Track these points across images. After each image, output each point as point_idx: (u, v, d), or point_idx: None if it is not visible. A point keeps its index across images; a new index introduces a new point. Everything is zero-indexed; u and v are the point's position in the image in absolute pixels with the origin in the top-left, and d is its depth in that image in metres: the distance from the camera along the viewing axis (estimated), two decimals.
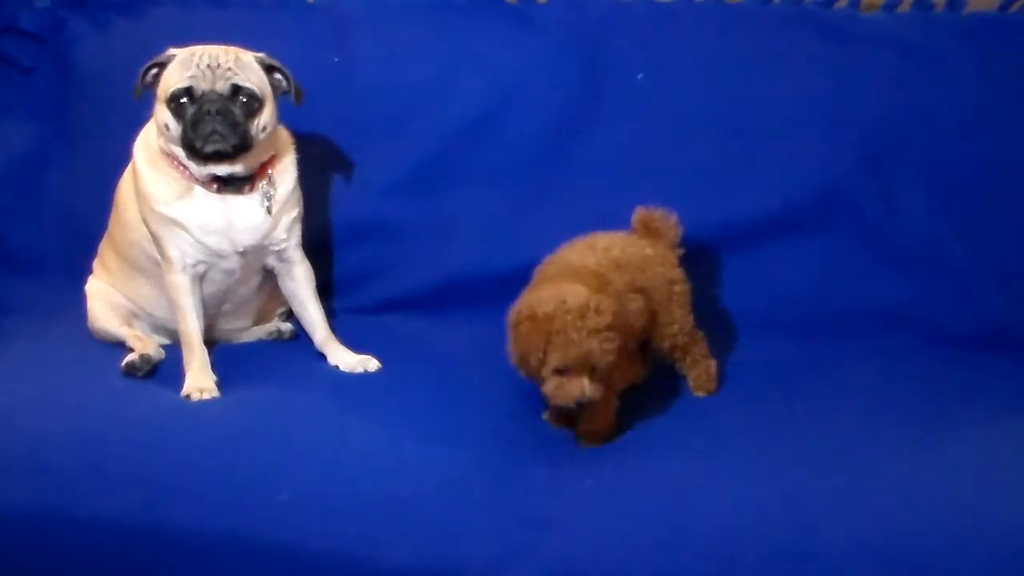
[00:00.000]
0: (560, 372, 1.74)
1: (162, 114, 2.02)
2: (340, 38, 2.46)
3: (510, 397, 1.98)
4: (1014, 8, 2.28)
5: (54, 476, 1.76)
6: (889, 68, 2.26)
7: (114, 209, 2.22)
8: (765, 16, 2.35)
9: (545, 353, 1.72)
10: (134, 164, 2.11)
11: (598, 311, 1.72)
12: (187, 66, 2.00)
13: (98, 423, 1.85)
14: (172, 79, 2.01)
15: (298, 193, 2.16)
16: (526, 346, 1.75)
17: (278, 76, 2.09)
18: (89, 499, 1.73)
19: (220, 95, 1.99)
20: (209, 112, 1.97)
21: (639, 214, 2.06)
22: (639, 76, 2.35)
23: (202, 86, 1.99)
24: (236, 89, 2.00)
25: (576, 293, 1.75)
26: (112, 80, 2.49)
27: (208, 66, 2.00)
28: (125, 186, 2.18)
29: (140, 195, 2.09)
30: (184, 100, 1.99)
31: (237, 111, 2.00)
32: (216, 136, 1.98)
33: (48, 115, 2.61)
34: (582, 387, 1.73)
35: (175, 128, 2.00)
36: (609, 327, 1.72)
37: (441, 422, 1.87)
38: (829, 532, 1.56)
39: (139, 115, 2.14)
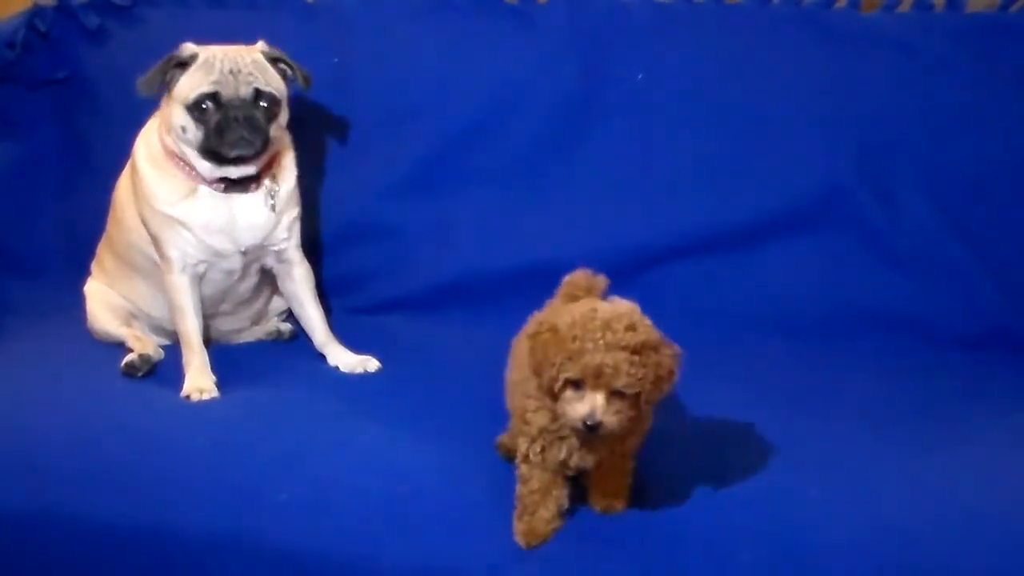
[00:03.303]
0: (575, 386, 1.50)
1: (179, 117, 2.01)
2: (340, 38, 2.46)
3: None
4: (1014, 9, 2.28)
5: (54, 476, 1.76)
6: (889, 68, 2.26)
7: (112, 210, 2.22)
8: (765, 16, 2.35)
9: (559, 367, 1.49)
10: (135, 165, 2.11)
11: (631, 327, 1.48)
12: (209, 70, 2.00)
13: (98, 423, 1.85)
14: (194, 83, 2.00)
15: (297, 192, 2.16)
16: (541, 359, 1.51)
17: (282, 66, 2.10)
18: (89, 499, 1.73)
19: (244, 101, 2.00)
20: (236, 119, 1.99)
21: (583, 279, 1.71)
22: (639, 76, 2.35)
23: (227, 92, 1.99)
24: (258, 94, 2.02)
25: (614, 307, 1.52)
26: (111, 82, 2.50)
27: (231, 71, 2.00)
28: (123, 187, 2.18)
29: (141, 196, 2.09)
30: (207, 105, 1.99)
31: (260, 116, 2.01)
32: (242, 142, 2.00)
33: (47, 116, 2.61)
34: (593, 404, 1.48)
35: (194, 132, 2.00)
36: (637, 349, 1.47)
37: (441, 422, 1.87)
38: (828, 532, 1.56)
39: (138, 118, 2.14)
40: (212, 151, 2.00)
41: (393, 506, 1.67)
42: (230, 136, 1.99)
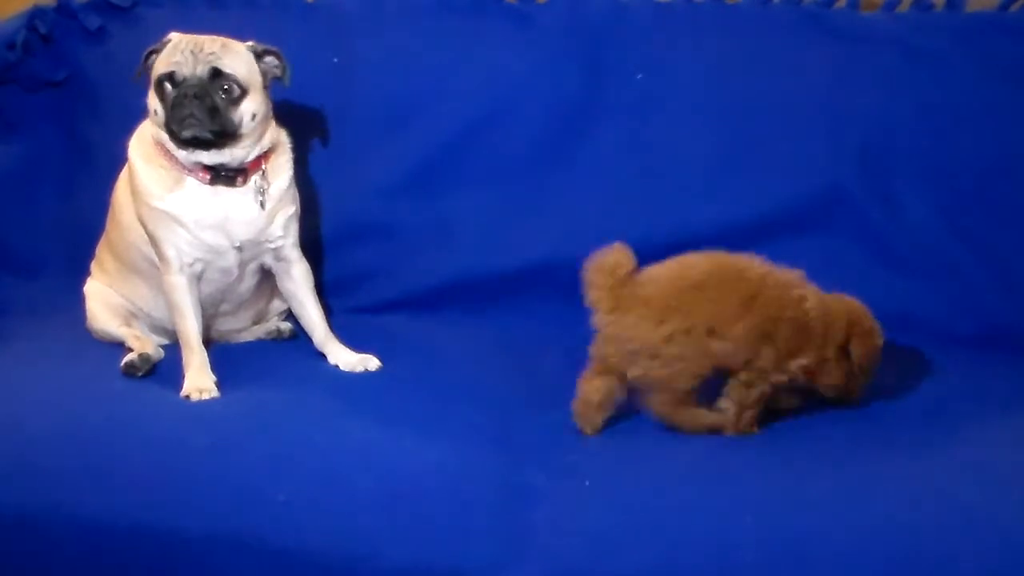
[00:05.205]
0: None
1: (151, 100, 2.04)
2: (340, 38, 2.46)
3: (510, 397, 1.98)
4: (1014, 8, 2.28)
5: (53, 476, 1.76)
6: (889, 68, 2.26)
7: (110, 211, 2.22)
8: (765, 16, 2.35)
9: None
10: (129, 162, 2.12)
11: None
12: (173, 52, 2.02)
13: (97, 423, 1.85)
14: (160, 64, 2.03)
15: (294, 191, 2.16)
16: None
17: (270, 59, 2.09)
18: (88, 499, 1.73)
19: (199, 79, 2.00)
20: (187, 95, 1.98)
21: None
22: (639, 76, 2.36)
23: (183, 71, 2.00)
24: (216, 73, 2.01)
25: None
26: (111, 82, 2.50)
27: (191, 51, 2.01)
28: (121, 188, 2.18)
29: (135, 193, 2.09)
30: (167, 84, 2.01)
31: (217, 96, 2.00)
32: (193, 120, 1.98)
33: (47, 117, 2.61)
34: None
35: (160, 113, 2.02)
36: None
37: (441, 422, 1.87)
38: (828, 531, 1.55)
39: (139, 118, 2.14)
40: (171, 130, 2.01)
41: (393, 506, 1.67)
42: (180, 112, 1.98)
